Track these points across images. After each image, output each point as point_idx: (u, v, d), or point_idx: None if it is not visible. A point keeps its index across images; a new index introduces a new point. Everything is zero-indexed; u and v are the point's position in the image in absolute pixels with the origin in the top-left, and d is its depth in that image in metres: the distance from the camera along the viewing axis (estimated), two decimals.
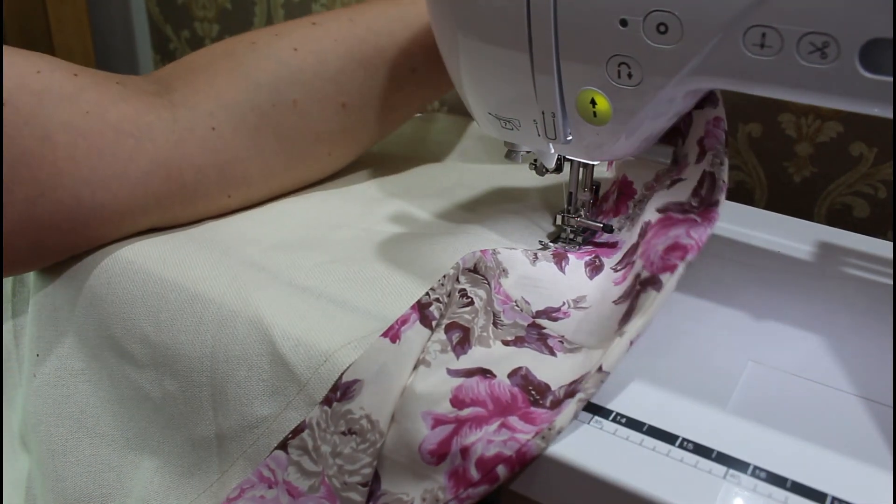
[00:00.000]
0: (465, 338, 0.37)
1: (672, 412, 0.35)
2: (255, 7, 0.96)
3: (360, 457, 0.34)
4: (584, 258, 0.46)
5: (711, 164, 0.40)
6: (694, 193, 0.40)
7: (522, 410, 0.34)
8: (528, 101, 0.41)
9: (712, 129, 0.41)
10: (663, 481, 0.31)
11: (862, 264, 0.48)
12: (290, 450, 0.36)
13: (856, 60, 0.31)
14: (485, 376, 0.35)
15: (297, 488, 0.35)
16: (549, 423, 0.33)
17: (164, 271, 0.44)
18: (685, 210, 0.39)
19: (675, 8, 0.33)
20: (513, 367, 0.36)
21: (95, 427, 0.44)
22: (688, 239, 0.37)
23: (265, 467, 0.37)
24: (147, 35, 1.11)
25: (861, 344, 0.40)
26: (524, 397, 0.34)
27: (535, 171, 0.49)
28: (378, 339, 0.36)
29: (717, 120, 0.41)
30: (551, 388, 0.35)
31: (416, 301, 0.38)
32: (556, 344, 0.39)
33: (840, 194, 0.66)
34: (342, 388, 0.36)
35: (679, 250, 0.36)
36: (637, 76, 0.37)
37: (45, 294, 0.46)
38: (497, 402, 0.34)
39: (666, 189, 0.42)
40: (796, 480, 0.31)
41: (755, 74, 0.33)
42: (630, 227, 0.47)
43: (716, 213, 0.38)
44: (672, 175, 0.43)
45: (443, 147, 0.66)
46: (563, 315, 0.42)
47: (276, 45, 0.49)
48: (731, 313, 0.42)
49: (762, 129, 0.67)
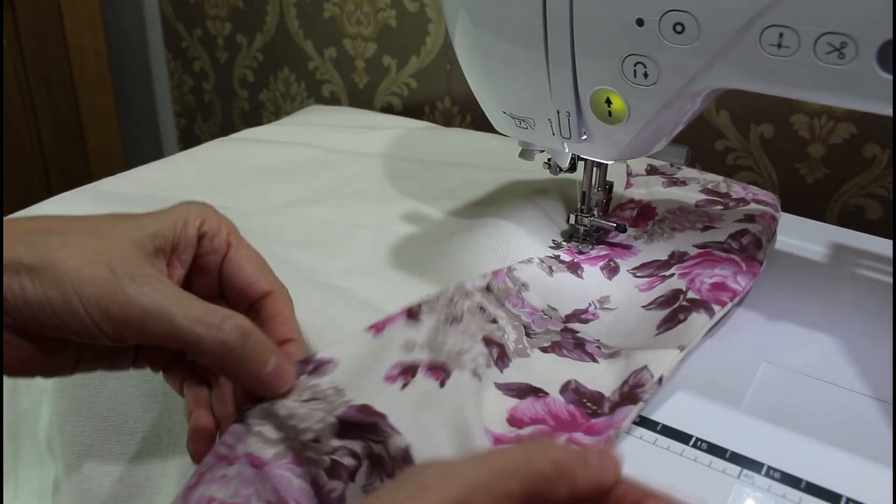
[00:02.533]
0: (502, 353, 0.38)
1: (686, 412, 0.35)
2: (266, 6, 0.96)
3: (314, 413, 0.32)
4: (597, 263, 0.46)
5: (760, 232, 0.46)
6: (732, 238, 0.45)
7: (584, 426, 0.34)
8: (543, 99, 0.41)
9: (769, 221, 0.48)
10: (677, 481, 0.31)
11: (874, 265, 0.48)
12: (249, 420, 0.33)
13: (873, 60, 0.30)
14: (538, 396, 0.35)
15: (259, 458, 0.32)
16: (616, 430, 0.33)
17: None
18: (725, 249, 0.44)
19: (692, 7, 0.33)
20: (562, 383, 0.36)
21: (123, 425, 0.44)
22: (735, 284, 0.41)
23: (222, 445, 0.34)
24: (160, 33, 1.12)
25: (873, 345, 0.40)
26: (582, 413, 0.34)
27: (549, 171, 0.49)
28: (362, 331, 0.37)
29: (772, 218, 0.49)
30: (605, 396, 0.35)
31: (407, 307, 0.39)
32: (594, 350, 0.39)
33: (853, 196, 0.65)
34: (315, 362, 0.35)
35: (728, 291, 0.41)
36: (653, 76, 0.37)
37: None
38: (557, 418, 0.34)
39: (699, 232, 0.47)
40: (810, 481, 0.31)
41: (772, 74, 0.33)
42: (648, 241, 0.48)
43: (759, 269, 0.43)
44: (703, 221, 0.49)
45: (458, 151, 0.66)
46: (591, 316, 0.42)
47: None
48: (745, 314, 0.42)
49: (774, 130, 0.67)
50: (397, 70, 0.89)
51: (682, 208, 0.51)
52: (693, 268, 0.43)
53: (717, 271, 0.42)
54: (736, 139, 0.69)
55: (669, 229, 0.48)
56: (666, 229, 0.48)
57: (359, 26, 0.89)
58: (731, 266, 0.43)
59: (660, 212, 0.50)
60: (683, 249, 0.46)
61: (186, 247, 0.33)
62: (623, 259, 0.46)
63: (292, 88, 1.00)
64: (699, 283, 0.42)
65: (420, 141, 0.68)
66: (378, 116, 0.81)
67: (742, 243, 0.45)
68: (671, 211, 0.50)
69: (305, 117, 0.79)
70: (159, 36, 1.12)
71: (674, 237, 0.47)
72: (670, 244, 0.47)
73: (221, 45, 1.04)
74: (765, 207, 0.50)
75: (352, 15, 0.89)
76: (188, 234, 0.33)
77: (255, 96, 1.05)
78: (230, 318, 0.30)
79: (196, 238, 0.34)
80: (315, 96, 0.98)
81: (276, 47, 0.98)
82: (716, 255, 0.44)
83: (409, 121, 0.78)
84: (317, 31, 0.93)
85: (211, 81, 1.09)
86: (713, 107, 0.69)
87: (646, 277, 0.44)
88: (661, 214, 0.50)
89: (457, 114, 0.87)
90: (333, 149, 0.66)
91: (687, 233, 0.47)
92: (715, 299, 0.40)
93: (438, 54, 0.85)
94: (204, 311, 0.30)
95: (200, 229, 0.34)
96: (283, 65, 0.99)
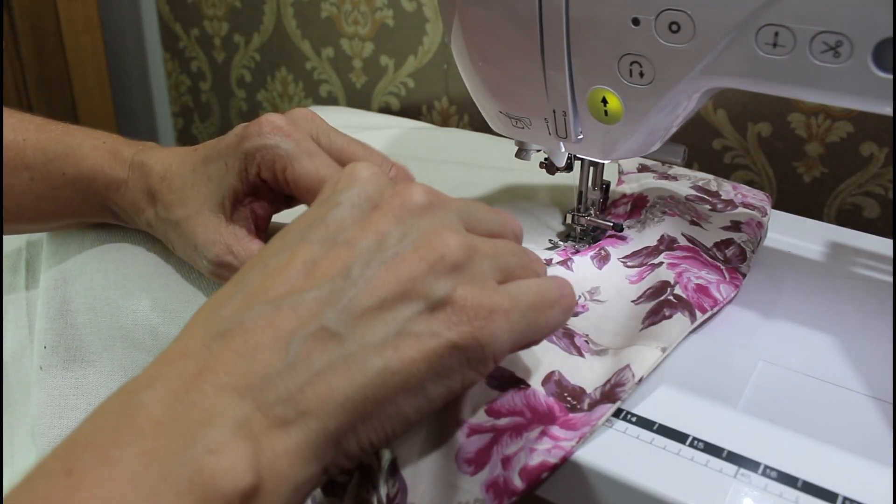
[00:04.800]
0: None
1: (683, 411, 0.35)
2: (264, 6, 0.96)
3: None
4: (588, 253, 0.46)
5: (745, 242, 0.46)
6: (717, 247, 0.46)
7: (561, 419, 0.34)
8: (540, 99, 0.41)
9: (755, 229, 0.48)
10: (674, 480, 0.31)
11: (872, 264, 0.48)
12: None
13: (869, 59, 0.30)
14: (519, 388, 0.35)
15: None
16: (591, 427, 0.33)
17: (171, 262, 0.44)
18: (712, 256, 0.45)
19: (688, 7, 0.33)
20: (545, 373, 0.36)
21: None
22: (717, 293, 0.42)
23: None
24: (157, 33, 1.12)
25: (871, 344, 0.40)
26: (561, 406, 0.34)
27: (546, 170, 0.49)
28: None
29: (759, 225, 0.49)
30: (586, 392, 0.35)
31: None
32: (582, 344, 0.39)
33: (850, 194, 0.66)
34: None
35: (710, 298, 0.41)
36: (649, 75, 0.37)
37: (55, 287, 0.46)
38: (535, 411, 0.34)
39: (688, 223, 0.47)
40: (807, 480, 0.31)
41: (768, 73, 0.33)
42: (641, 228, 0.47)
43: (741, 282, 0.44)
44: (692, 214, 0.49)
45: (453, 150, 0.66)
46: (582, 309, 0.42)
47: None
48: (742, 313, 0.42)
49: (772, 129, 0.67)
50: (395, 70, 0.89)
51: (673, 197, 0.51)
52: (682, 260, 0.43)
53: (704, 274, 0.43)
54: (733, 138, 0.69)
55: (660, 213, 0.48)
56: (657, 213, 0.48)
57: (356, 26, 0.89)
58: (716, 273, 0.43)
59: (651, 198, 0.50)
60: (673, 235, 0.46)
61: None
62: (614, 247, 0.46)
63: (290, 88, 1.00)
64: (686, 279, 0.42)
65: (417, 141, 0.68)
66: (376, 116, 0.82)
67: (726, 255, 0.45)
68: (662, 197, 0.50)
69: None
70: (157, 36, 1.12)
71: (664, 220, 0.47)
72: (661, 227, 0.47)
73: (219, 45, 1.04)
74: (752, 212, 0.50)
75: (349, 15, 0.89)
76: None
77: (252, 96, 1.05)
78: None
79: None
80: (312, 96, 0.98)
81: (273, 47, 0.98)
82: (702, 258, 0.44)
83: (406, 121, 0.78)
84: (314, 30, 0.93)
85: (208, 81, 1.09)
86: (710, 105, 0.69)
87: (636, 267, 0.44)
88: (652, 200, 0.50)
89: (454, 114, 0.87)
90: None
91: (677, 218, 0.48)
92: (698, 303, 0.40)
93: (436, 54, 0.85)
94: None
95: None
96: (281, 65, 0.99)
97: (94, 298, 0.45)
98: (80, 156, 0.43)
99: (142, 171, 0.42)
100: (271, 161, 0.37)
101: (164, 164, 0.41)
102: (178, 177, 0.41)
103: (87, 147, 0.43)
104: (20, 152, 0.43)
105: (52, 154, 0.43)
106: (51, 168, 0.43)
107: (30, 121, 0.44)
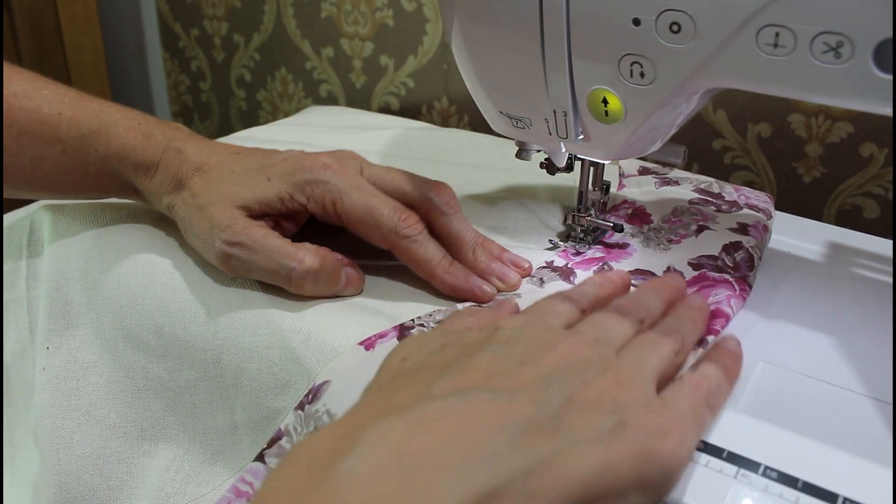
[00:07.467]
0: None
1: None
2: (264, 6, 0.96)
3: None
4: (591, 267, 0.46)
5: (753, 247, 0.46)
6: (725, 251, 0.45)
7: None
8: (540, 99, 0.41)
9: (761, 233, 0.48)
10: None
11: (872, 265, 0.48)
12: (267, 459, 0.36)
13: (870, 60, 0.30)
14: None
15: None
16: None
17: (173, 262, 0.44)
18: (719, 268, 0.44)
19: (689, 7, 0.33)
20: None
21: (106, 419, 0.44)
22: (728, 308, 0.41)
23: (241, 481, 0.35)
24: (157, 33, 1.12)
25: (871, 344, 0.40)
26: None
27: (546, 170, 0.49)
28: (354, 346, 0.37)
29: (765, 228, 0.49)
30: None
31: (399, 324, 0.39)
32: None
33: (850, 195, 0.66)
34: (314, 391, 0.36)
35: (722, 317, 0.40)
36: (649, 75, 0.37)
37: (56, 288, 0.46)
38: None
39: (694, 237, 0.47)
40: (807, 481, 0.31)
41: (768, 74, 0.33)
42: (644, 242, 0.48)
43: (748, 294, 0.43)
44: (697, 220, 0.49)
45: (453, 150, 0.66)
46: None
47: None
48: (742, 313, 0.42)
49: (772, 129, 0.67)
50: (395, 70, 0.89)
51: (675, 210, 0.51)
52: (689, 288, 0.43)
53: (712, 299, 0.42)
54: (733, 138, 0.69)
55: (665, 241, 0.48)
56: (662, 240, 0.48)
57: (356, 26, 0.89)
58: (724, 288, 0.42)
59: (655, 219, 0.50)
60: (679, 267, 0.45)
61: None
62: (618, 262, 0.46)
63: (289, 88, 1.00)
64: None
65: (417, 141, 0.68)
66: (375, 116, 0.81)
67: (735, 259, 0.45)
68: (666, 220, 0.50)
69: (303, 118, 0.79)
70: (156, 35, 1.12)
71: (670, 248, 0.47)
72: (666, 256, 0.46)
73: (219, 45, 1.04)
74: (757, 214, 0.50)
75: (349, 14, 0.89)
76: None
77: (252, 96, 1.05)
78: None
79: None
80: (312, 96, 0.98)
81: (273, 47, 0.98)
82: (710, 278, 0.44)
83: (406, 121, 0.78)
84: (314, 30, 0.93)
85: (208, 81, 1.08)
86: (710, 106, 0.69)
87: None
88: (656, 223, 0.50)
89: (454, 114, 0.87)
90: (330, 149, 0.66)
91: (683, 243, 0.47)
92: (710, 330, 0.40)
93: (436, 54, 0.85)
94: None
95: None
96: (281, 64, 0.99)
97: (96, 299, 0.45)
98: (112, 135, 0.44)
99: (177, 157, 0.44)
100: (321, 195, 0.41)
101: (201, 156, 0.43)
102: (213, 172, 0.43)
103: (121, 127, 0.45)
104: (55, 125, 0.44)
105: (85, 130, 0.44)
106: (84, 144, 0.44)
107: (65, 94, 0.45)
